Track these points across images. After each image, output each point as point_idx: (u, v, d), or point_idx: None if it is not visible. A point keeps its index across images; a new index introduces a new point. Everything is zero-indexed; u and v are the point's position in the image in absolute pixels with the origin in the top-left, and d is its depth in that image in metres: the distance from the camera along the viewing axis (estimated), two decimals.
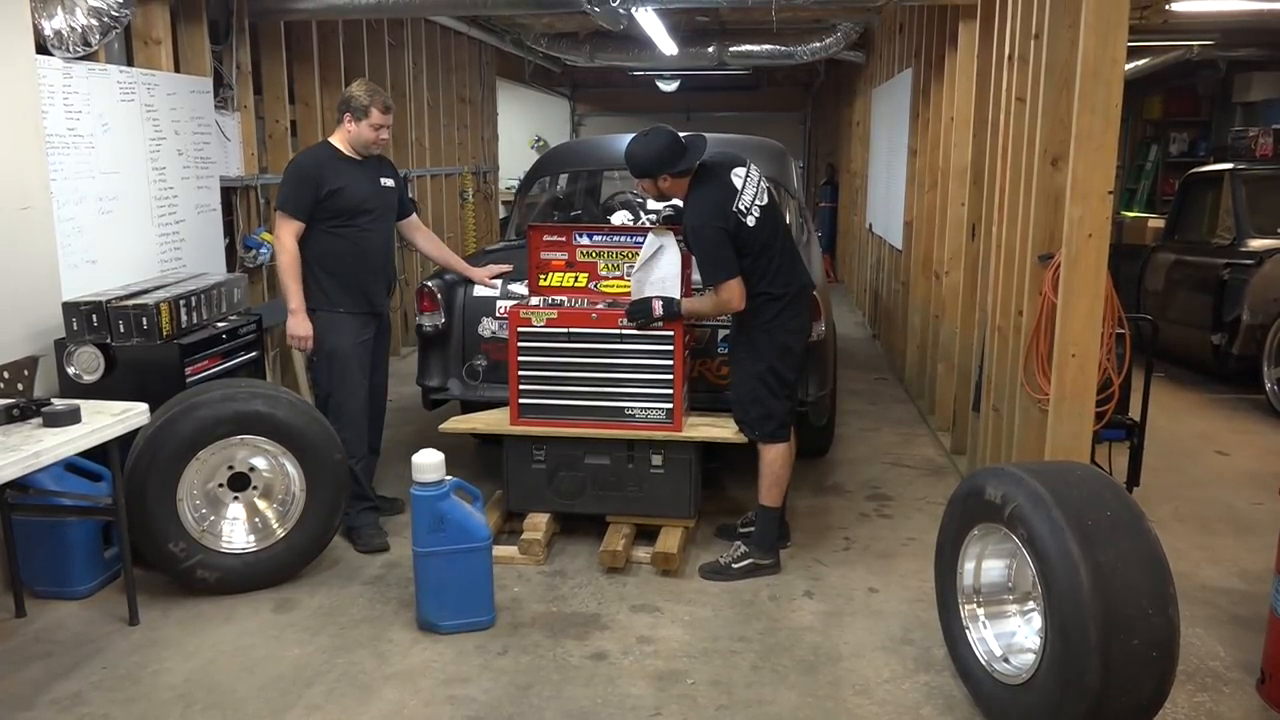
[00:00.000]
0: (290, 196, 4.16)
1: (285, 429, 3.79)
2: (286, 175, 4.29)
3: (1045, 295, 3.83)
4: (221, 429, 3.73)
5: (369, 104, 4.14)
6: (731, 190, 3.81)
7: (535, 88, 13.18)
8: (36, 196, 4.02)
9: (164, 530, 3.68)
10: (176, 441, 3.67)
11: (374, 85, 4.29)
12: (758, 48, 9.40)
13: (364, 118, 4.15)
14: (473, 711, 3.06)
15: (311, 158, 4.27)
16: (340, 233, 4.19)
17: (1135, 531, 2.64)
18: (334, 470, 3.88)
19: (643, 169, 3.85)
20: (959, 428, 5.41)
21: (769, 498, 3.98)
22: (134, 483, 3.62)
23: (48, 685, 3.22)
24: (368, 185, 4.26)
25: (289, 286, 4.15)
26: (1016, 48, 4.36)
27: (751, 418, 3.94)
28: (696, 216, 3.81)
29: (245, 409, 3.75)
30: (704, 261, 3.81)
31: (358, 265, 4.24)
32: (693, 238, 3.85)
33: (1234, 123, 10.90)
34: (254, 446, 3.82)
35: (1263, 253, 6.57)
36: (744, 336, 3.92)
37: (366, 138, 4.19)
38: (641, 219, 5.63)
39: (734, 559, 3.97)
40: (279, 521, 3.88)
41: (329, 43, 6.91)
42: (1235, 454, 5.63)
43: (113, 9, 4.37)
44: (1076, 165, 3.53)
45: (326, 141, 4.32)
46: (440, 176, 8.99)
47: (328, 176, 4.14)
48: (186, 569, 3.73)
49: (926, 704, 3.10)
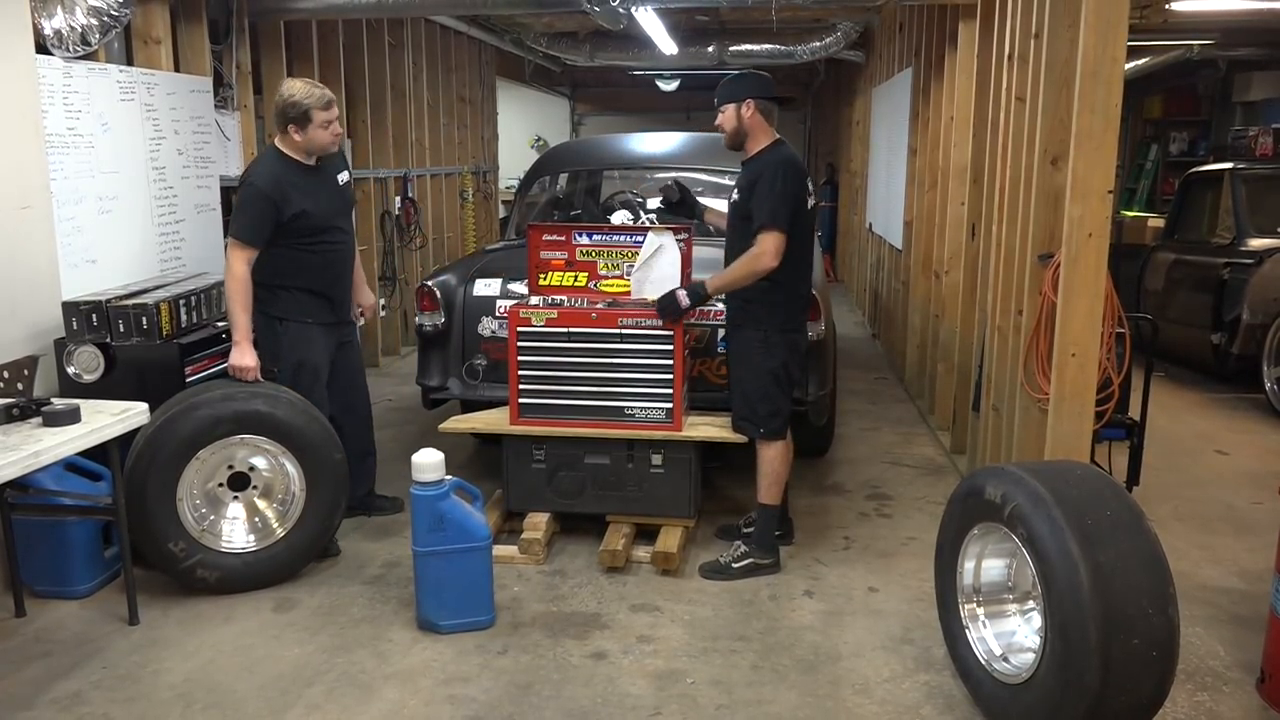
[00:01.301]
0: (247, 225, 3.88)
1: (285, 428, 3.79)
2: (245, 200, 3.94)
3: (1045, 295, 3.83)
4: (221, 428, 3.73)
5: (308, 106, 3.86)
6: (804, 169, 3.91)
7: (535, 87, 13.17)
8: (36, 196, 4.02)
9: (164, 530, 3.68)
10: (176, 441, 3.67)
11: (306, 81, 3.95)
12: (758, 47, 9.40)
13: (308, 123, 3.88)
14: (473, 711, 3.06)
15: (269, 179, 3.92)
16: (311, 248, 4.04)
17: (1135, 531, 2.64)
18: (334, 470, 3.88)
19: (732, 91, 3.86)
20: (959, 427, 5.41)
21: (769, 496, 3.98)
22: (134, 482, 3.62)
23: (48, 685, 3.21)
24: (328, 198, 4.07)
25: (236, 317, 3.85)
26: (1016, 47, 4.36)
27: (760, 415, 3.92)
28: (778, 166, 3.79)
29: (245, 408, 3.75)
30: (764, 200, 3.73)
31: (329, 277, 4.13)
32: (766, 178, 3.75)
33: (1234, 122, 10.90)
34: (254, 446, 3.82)
35: (1262, 252, 6.57)
36: (758, 333, 3.88)
37: (321, 140, 3.94)
38: (641, 218, 5.62)
39: (734, 558, 3.97)
40: (279, 521, 3.88)
41: (329, 42, 6.91)
42: (1235, 453, 5.63)
43: (112, 8, 4.37)
44: (1076, 165, 3.52)
45: (276, 150, 4.01)
46: (440, 176, 8.99)
47: (290, 198, 3.92)
48: (186, 568, 3.73)
49: (926, 703, 3.10)
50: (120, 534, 3.54)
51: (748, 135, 3.89)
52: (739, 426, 4.02)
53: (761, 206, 3.74)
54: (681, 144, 6.35)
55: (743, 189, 3.87)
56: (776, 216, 3.71)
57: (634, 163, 6.28)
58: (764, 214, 3.73)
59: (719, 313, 4.44)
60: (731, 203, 3.98)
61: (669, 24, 8.14)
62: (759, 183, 3.77)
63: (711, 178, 5.81)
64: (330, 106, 3.94)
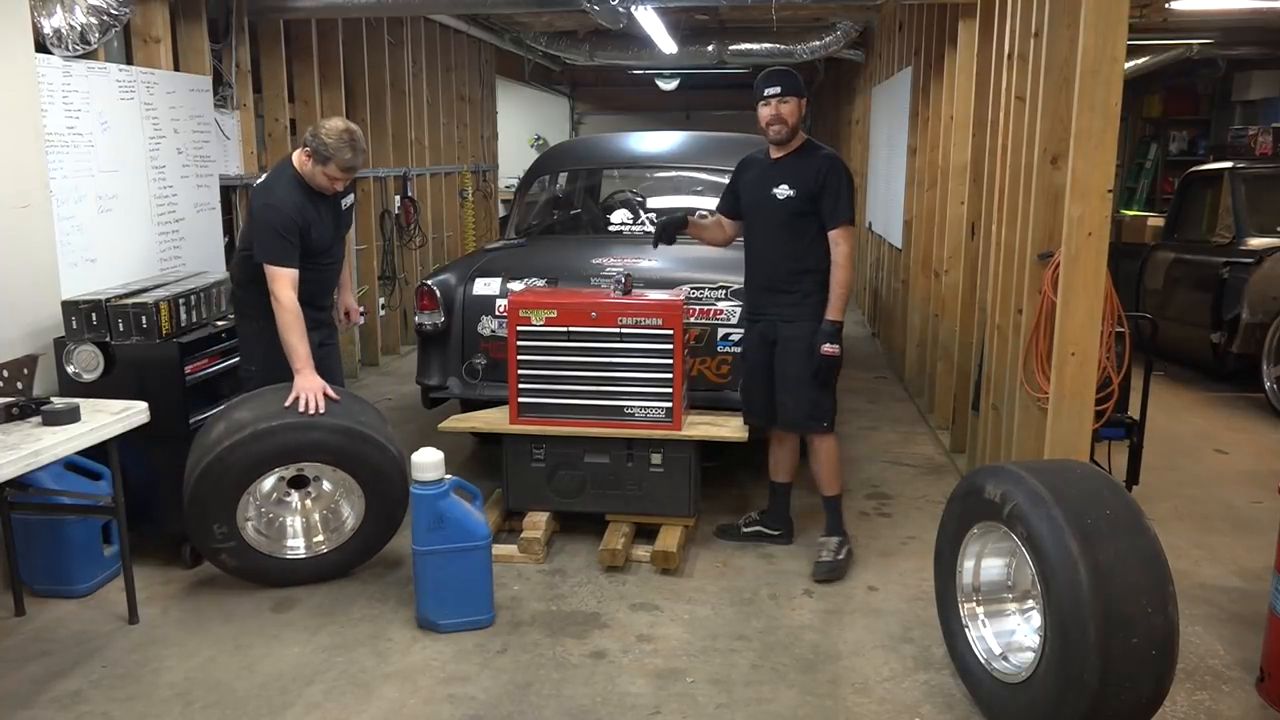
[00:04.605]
0: (279, 248, 3.80)
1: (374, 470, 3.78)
2: (268, 224, 3.82)
3: (1045, 294, 3.83)
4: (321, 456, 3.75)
5: (332, 155, 3.78)
6: None
7: (535, 86, 13.18)
8: (36, 195, 4.02)
9: (215, 513, 3.68)
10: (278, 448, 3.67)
11: (352, 135, 3.82)
12: (757, 46, 9.40)
13: (321, 165, 3.82)
14: (472, 710, 3.06)
15: (290, 201, 3.85)
16: (303, 265, 3.91)
17: (1134, 530, 2.64)
18: (393, 510, 3.85)
19: (799, 84, 3.88)
20: (958, 426, 5.41)
21: (834, 487, 4.08)
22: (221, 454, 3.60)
23: (47, 684, 3.21)
24: (330, 225, 4.02)
25: (295, 346, 3.76)
26: (1016, 46, 4.36)
27: (824, 409, 3.97)
28: (840, 162, 3.93)
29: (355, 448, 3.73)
30: (842, 199, 3.86)
31: (314, 290, 4.02)
32: (836, 175, 3.87)
33: (1233, 121, 10.91)
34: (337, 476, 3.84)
35: (1262, 251, 6.56)
36: (831, 326, 3.87)
37: (319, 182, 3.87)
38: (641, 218, 5.62)
39: (837, 551, 4.00)
40: (325, 533, 3.92)
41: (328, 41, 6.90)
42: (1234, 452, 5.63)
43: (112, 7, 4.36)
44: (1076, 164, 3.52)
45: (292, 170, 3.92)
46: (440, 175, 8.99)
47: (307, 220, 3.87)
48: (213, 549, 3.74)
49: (926, 702, 3.10)
50: (120, 533, 3.53)
51: (791, 121, 3.91)
52: (804, 425, 4.02)
53: (839, 205, 3.85)
54: (681, 143, 6.36)
55: (802, 185, 3.86)
56: (851, 209, 3.86)
57: (634, 162, 6.29)
58: (845, 212, 3.85)
59: (718, 312, 4.45)
60: (781, 198, 3.90)
61: (668, 23, 8.14)
62: (829, 181, 3.84)
63: (711, 177, 5.81)
64: (349, 172, 3.89)
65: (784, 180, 3.90)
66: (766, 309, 4.01)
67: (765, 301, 4.01)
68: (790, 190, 3.88)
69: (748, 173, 4.11)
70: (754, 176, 4.05)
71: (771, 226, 3.95)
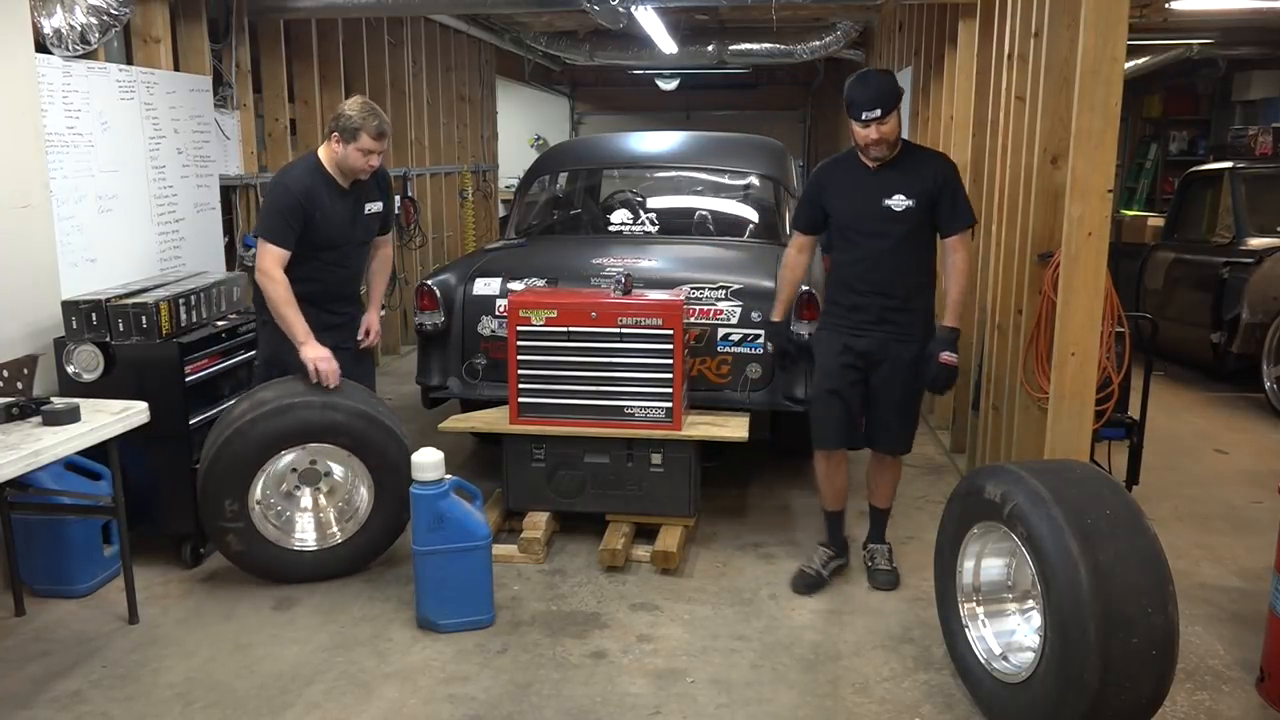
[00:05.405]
0: (278, 226, 3.75)
1: (387, 460, 3.81)
2: (273, 199, 3.82)
3: (1045, 294, 3.84)
4: (340, 438, 3.78)
5: (360, 126, 3.71)
6: None
7: (535, 86, 13.17)
8: (36, 195, 4.02)
9: (230, 488, 3.70)
10: (299, 425, 3.72)
11: (372, 104, 3.81)
12: (757, 46, 9.41)
13: (352, 140, 3.73)
14: (472, 710, 3.06)
15: (301, 184, 3.80)
16: (315, 256, 3.90)
17: (1134, 530, 2.64)
18: (400, 509, 3.82)
19: (895, 94, 3.53)
20: (958, 426, 5.41)
21: (891, 500, 4.01)
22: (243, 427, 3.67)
23: (47, 683, 3.21)
24: (345, 222, 3.92)
25: (289, 319, 3.73)
26: (1016, 46, 4.36)
27: (914, 428, 3.87)
28: (950, 163, 3.77)
29: (372, 435, 3.78)
30: (962, 202, 3.66)
31: (323, 290, 3.98)
32: (953, 179, 3.67)
33: (1233, 121, 10.91)
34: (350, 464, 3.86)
35: (1262, 251, 6.57)
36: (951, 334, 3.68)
37: (354, 163, 3.79)
38: (641, 218, 5.62)
39: (890, 559, 3.96)
40: (339, 526, 3.93)
41: (328, 41, 6.91)
42: (1234, 452, 5.63)
43: (112, 7, 4.36)
44: (1076, 164, 3.53)
45: (315, 158, 3.90)
46: (440, 175, 8.99)
47: (314, 212, 3.80)
48: (220, 528, 3.75)
49: (926, 702, 3.10)
50: (120, 532, 3.53)
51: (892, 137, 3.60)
52: (907, 447, 3.88)
53: (961, 209, 3.64)
54: (681, 143, 6.35)
55: (921, 193, 3.59)
56: (973, 214, 3.73)
57: (634, 162, 6.28)
58: (967, 215, 3.67)
59: (718, 312, 4.44)
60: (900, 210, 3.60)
61: (668, 23, 8.14)
62: (946, 185, 3.61)
63: (711, 177, 5.82)
64: (382, 138, 3.80)
65: (897, 190, 3.59)
66: (871, 328, 3.68)
67: (872, 319, 3.68)
68: (908, 200, 3.57)
69: (837, 182, 3.75)
70: (849, 186, 3.70)
71: (887, 240, 3.63)
